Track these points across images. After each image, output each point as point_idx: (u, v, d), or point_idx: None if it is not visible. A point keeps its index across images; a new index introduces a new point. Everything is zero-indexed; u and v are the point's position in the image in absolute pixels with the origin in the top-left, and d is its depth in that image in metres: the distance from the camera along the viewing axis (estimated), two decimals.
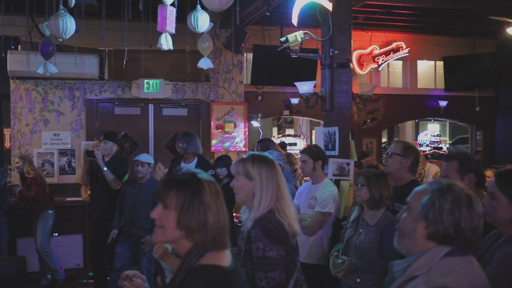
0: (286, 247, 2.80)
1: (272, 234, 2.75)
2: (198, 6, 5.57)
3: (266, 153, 3.25)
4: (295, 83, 5.37)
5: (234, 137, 9.17)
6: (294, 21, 5.37)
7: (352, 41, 5.53)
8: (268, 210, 2.82)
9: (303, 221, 4.72)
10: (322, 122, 11.72)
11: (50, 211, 7.18)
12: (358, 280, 3.93)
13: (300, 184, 7.60)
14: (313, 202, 4.85)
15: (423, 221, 1.94)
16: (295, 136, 11.37)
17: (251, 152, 3.16)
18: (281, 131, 13.65)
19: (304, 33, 5.06)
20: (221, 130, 9.12)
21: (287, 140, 10.99)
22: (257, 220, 2.79)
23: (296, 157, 9.52)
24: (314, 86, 5.61)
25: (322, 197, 4.77)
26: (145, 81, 8.52)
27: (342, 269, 3.98)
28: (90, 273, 7.64)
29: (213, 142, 9.10)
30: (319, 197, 4.80)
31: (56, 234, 7.51)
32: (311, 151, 4.98)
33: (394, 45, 11.35)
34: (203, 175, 2.10)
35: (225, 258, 2.07)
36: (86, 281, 7.72)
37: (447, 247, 1.90)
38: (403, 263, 1.99)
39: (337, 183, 5.18)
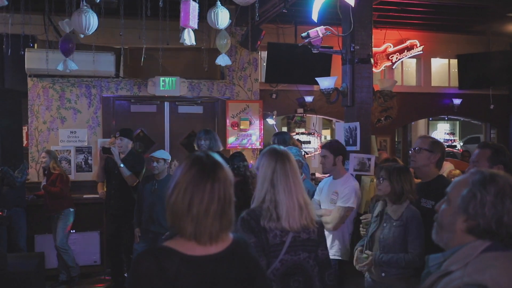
0: (257, 237, 2.88)
1: (244, 225, 2.90)
2: (218, 3, 5.59)
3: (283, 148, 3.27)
4: (316, 79, 5.37)
5: (249, 134, 9.18)
6: (315, 17, 5.37)
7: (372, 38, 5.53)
8: (260, 200, 2.96)
9: (325, 216, 4.74)
10: (334, 120, 11.78)
11: (71, 209, 7.24)
12: (382, 274, 3.93)
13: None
14: (334, 197, 4.85)
15: (463, 214, 1.82)
16: (309, 134, 11.35)
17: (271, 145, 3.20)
18: (292, 130, 13.63)
19: (325, 29, 5.05)
20: (236, 128, 9.13)
21: (301, 138, 10.97)
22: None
23: (309, 155, 9.55)
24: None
25: (343, 192, 4.77)
26: (161, 78, 8.54)
27: (367, 263, 3.98)
28: (107, 270, 7.69)
29: (229, 139, 9.11)
30: (340, 192, 4.80)
31: (73, 231, 7.55)
32: (331, 146, 4.97)
33: (408, 43, 11.32)
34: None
35: (193, 246, 1.96)
36: (103, 277, 7.75)
37: (487, 242, 1.77)
38: (439, 257, 1.89)
39: (358, 178, 5.17)
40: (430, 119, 14.74)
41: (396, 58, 11.27)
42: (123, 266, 7.21)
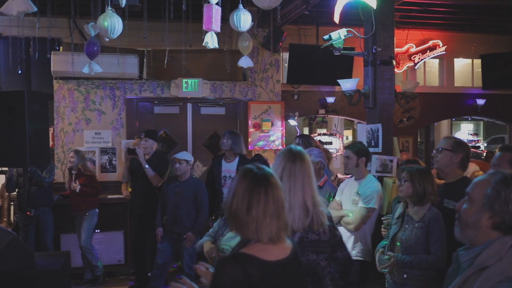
0: None
1: None
2: (241, 5, 5.64)
3: (306, 150, 3.29)
4: (338, 81, 5.38)
5: (271, 135, 9.21)
6: (336, 19, 5.38)
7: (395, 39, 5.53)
8: None
9: (346, 217, 4.76)
10: (356, 121, 11.75)
11: (96, 210, 7.37)
12: (404, 275, 3.94)
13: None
14: (356, 197, 4.86)
15: (488, 212, 1.93)
16: (330, 135, 11.35)
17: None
18: (313, 131, 13.63)
19: (347, 31, 5.06)
20: (258, 129, 9.16)
21: (323, 139, 10.98)
22: None
23: (334, 155, 9.55)
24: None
25: (366, 193, 4.78)
26: (184, 80, 8.62)
27: (389, 265, 3.99)
28: (131, 269, 7.79)
29: (251, 140, 9.15)
30: (362, 192, 4.81)
31: (98, 230, 7.67)
32: (355, 147, 4.99)
33: (430, 43, 11.25)
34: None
35: (272, 251, 2.14)
36: (127, 277, 7.85)
37: None
38: (469, 253, 1.99)
39: (380, 179, 5.17)
40: (453, 119, 14.59)
41: (419, 58, 11.22)
42: (147, 265, 7.30)
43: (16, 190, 7.10)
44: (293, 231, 2.94)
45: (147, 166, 6.81)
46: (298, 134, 6.43)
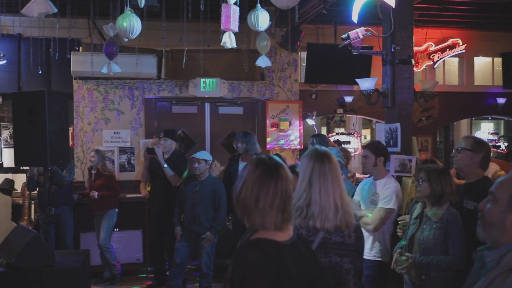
0: None
1: None
2: (258, 5, 5.64)
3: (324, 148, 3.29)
4: (357, 80, 5.35)
5: (289, 135, 9.20)
6: (355, 18, 5.35)
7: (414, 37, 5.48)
8: (297, 198, 2.97)
9: (365, 217, 4.73)
10: (374, 120, 11.68)
11: (116, 209, 7.43)
12: (423, 277, 3.91)
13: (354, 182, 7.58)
14: (375, 198, 4.83)
15: None
16: (348, 134, 11.30)
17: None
18: (331, 131, 13.59)
19: (365, 30, 5.03)
20: (276, 128, 9.15)
21: (341, 138, 10.94)
22: None
23: (352, 154, 9.50)
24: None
25: (384, 193, 4.75)
26: (202, 80, 8.64)
27: (406, 266, 3.96)
28: (149, 268, 7.83)
29: (268, 140, 9.15)
30: (381, 193, 4.78)
31: (117, 229, 7.73)
32: (373, 146, 4.96)
33: (450, 41, 11.14)
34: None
35: (279, 235, 2.19)
36: (145, 275, 7.90)
37: None
38: (494, 253, 1.97)
39: (399, 179, 5.14)
40: (473, 118, 14.43)
41: (438, 57, 11.12)
42: (165, 264, 7.34)
43: (37, 189, 7.19)
44: (315, 230, 2.94)
45: (166, 165, 6.85)
46: (312, 135, 6.42)
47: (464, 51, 11.22)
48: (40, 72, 8.23)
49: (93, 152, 7.47)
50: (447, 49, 11.16)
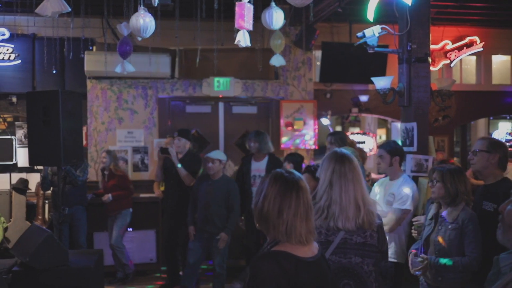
0: None
1: None
2: (273, 3, 5.59)
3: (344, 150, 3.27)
4: (372, 79, 5.27)
5: (303, 134, 9.13)
6: (370, 16, 5.28)
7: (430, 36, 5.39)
8: (318, 199, 3.00)
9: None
10: (390, 119, 11.58)
11: (130, 209, 7.44)
12: (439, 278, 3.85)
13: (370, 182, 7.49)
14: (391, 198, 4.77)
15: None
16: (363, 134, 11.21)
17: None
18: (346, 130, 13.50)
19: (381, 28, 4.95)
20: (290, 128, 9.10)
21: (356, 138, 10.85)
22: None
23: (368, 154, 9.41)
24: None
25: (400, 194, 4.70)
26: (216, 79, 8.61)
27: (422, 267, 3.90)
28: (163, 268, 7.82)
29: (283, 139, 9.09)
30: (397, 193, 4.73)
31: (131, 229, 7.73)
32: (388, 146, 4.92)
33: (467, 39, 10.98)
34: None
35: (302, 250, 2.22)
36: (159, 275, 7.89)
37: None
38: (510, 258, 1.91)
39: (415, 180, 5.06)
40: (491, 118, 14.24)
41: (455, 55, 10.96)
42: (179, 264, 7.32)
43: (51, 188, 7.20)
44: (336, 230, 2.93)
45: (179, 165, 6.83)
46: (329, 133, 6.37)
47: (481, 49, 11.05)
48: (54, 71, 8.24)
49: (104, 153, 7.48)
50: (464, 48, 11.00)
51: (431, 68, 10.74)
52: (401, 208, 4.65)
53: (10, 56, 9.05)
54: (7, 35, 8.86)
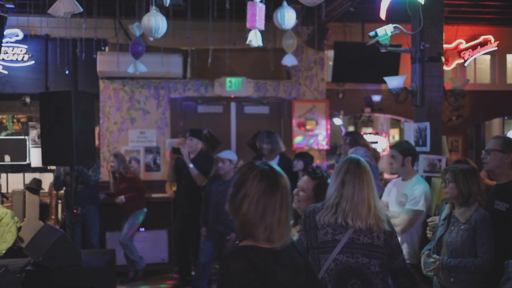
0: (307, 237, 2.99)
1: (304, 221, 3.04)
2: (285, 3, 5.57)
3: (352, 150, 3.30)
4: (385, 78, 5.24)
5: (315, 134, 9.10)
6: (383, 15, 5.24)
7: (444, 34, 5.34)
8: (328, 197, 3.01)
9: (393, 219, 4.64)
10: (403, 119, 11.51)
11: (145, 209, 7.47)
12: (451, 279, 3.83)
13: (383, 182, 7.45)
14: (403, 199, 4.74)
15: None
16: (376, 134, 11.16)
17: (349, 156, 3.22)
18: (359, 130, 13.44)
19: (394, 27, 4.92)
20: (302, 128, 9.07)
21: (369, 138, 10.81)
22: None
23: (380, 154, 9.36)
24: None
25: (413, 194, 4.67)
26: (228, 79, 8.60)
27: (434, 268, 3.88)
28: (175, 267, 7.83)
29: (296, 140, 9.07)
30: (409, 194, 4.70)
31: (143, 229, 7.75)
32: (400, 146, 4.90)
33: (481, 39, 10.87)
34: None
35: (266, 243, 2.16)
36: (171, 275, 7.90)
37: None
38: None
39: (428, 180, 5.02)
40: (506, 118, 14.11)
41: (469, 55, 10.86)
42: (191, 264, 7.32)
43: (64, 188, 7.24)
44: (344, 227, 2.91)
45: (191, 165, 6.83)
46: (345, 132, 6.35)
47: (496, 48, 10.93)
48: (67, 72, 8.30)
49: (112, 157, 7.52)
50: (478, 47, 10.89)
51: (445, 68, 10.66)
52: (413, 209, 4.62)
53: (23, 57, 9.12)
54: (21, 36, 8.94)
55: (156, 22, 5.22)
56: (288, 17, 5.50)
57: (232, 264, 2.07)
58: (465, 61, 10.90)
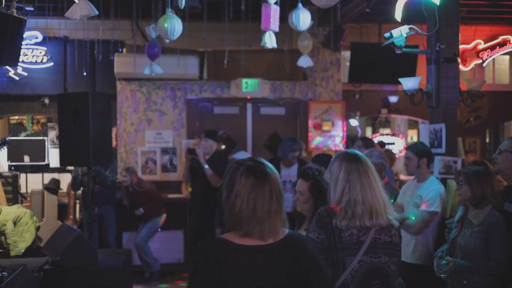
0: (327, 235, 2.86)
1: (319, 219, 2.88)
2: (300, 4, 5.58)
3: (366, 151, 3.24)
4: (400, 79, 5.21)
5: (332, 136, 9.09)
6: (398, 16, 5.21)
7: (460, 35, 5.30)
8: (336, 202, 2.91)
9: (408, 220, 4.62)
10: (420, 120, 11.41)
11: (164, 215, 7.55)
12: (464, 282, 3.81)
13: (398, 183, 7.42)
14: (418, 200, 4.72)
15: None
16: (393, 135, 11.10)
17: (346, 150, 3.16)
18: (376, 131, 13.39)
19: (409, 28, 4.89)
20: (318, 129, 9.06)
21: (385, 139, 10.75)
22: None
23: (397, 155, 9.31)
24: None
25: (428, 196, 4.64)
26: (244, 80, 8.63)
27: (447, 270, 3.86)
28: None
29: (314, 141, 9.06)
30: (424, 195, 4.67)
31: (160, 230, 7.81)
32: (416, 147, 4.87)
33: (500, 39, 10.74)
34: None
35: (247, 239, 2.18)
36: (186, 275, 7.94)
37: None
38: None
39: (443, 182, 4.99)
40: None
41: (487, 55, 10.74)
42: None
43: (81, 188, 7.32)
44: (366, 229, 2.88)
45: (206, 166, 6.86)
46: (359, 136, 6.31)
47: None
48: (84, 73, 8.39)
49: (123, 171, 7.62)
50: (497, 47, 10.76)
51: (463, 68, 10.62)
52: (428, 210, 4.59)
53: (43, 59, 9.24)
54: (40, 38, 9.06)
55: (171, 25, 5.26)
56: (303, 18, 5.50)
57: (199, 254, 2.15)
58: (483, 61, 10.79)
